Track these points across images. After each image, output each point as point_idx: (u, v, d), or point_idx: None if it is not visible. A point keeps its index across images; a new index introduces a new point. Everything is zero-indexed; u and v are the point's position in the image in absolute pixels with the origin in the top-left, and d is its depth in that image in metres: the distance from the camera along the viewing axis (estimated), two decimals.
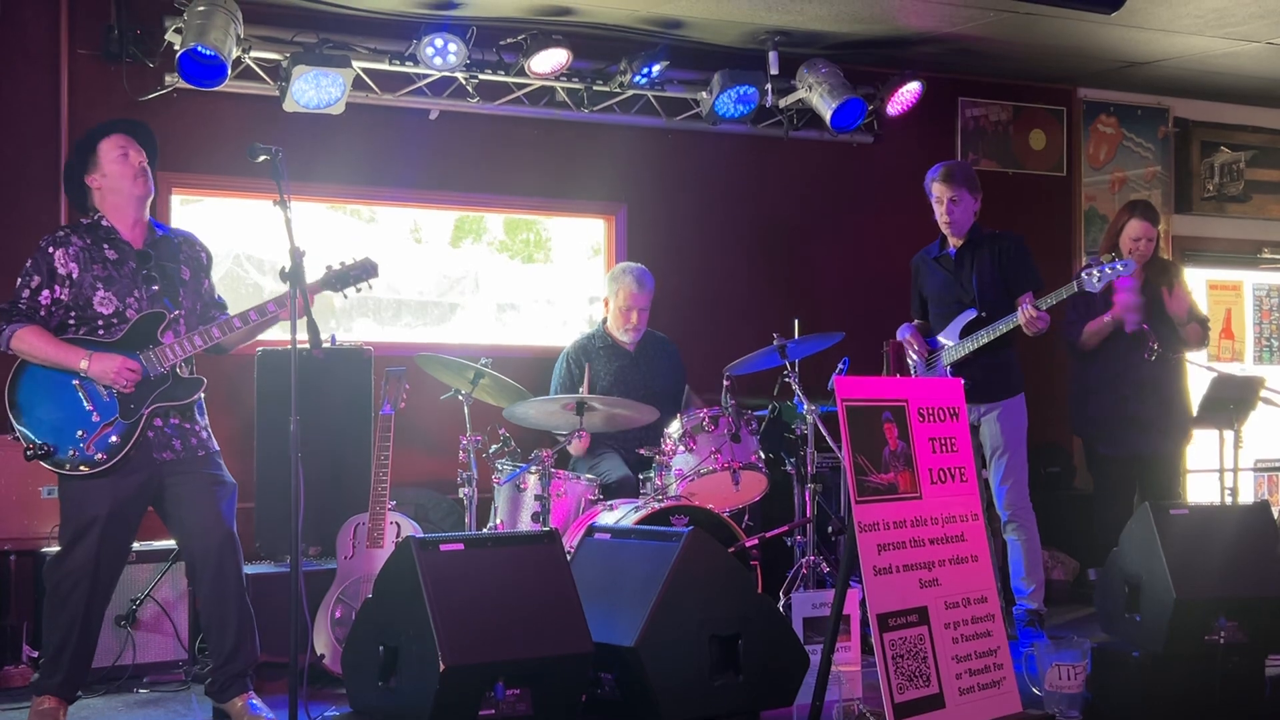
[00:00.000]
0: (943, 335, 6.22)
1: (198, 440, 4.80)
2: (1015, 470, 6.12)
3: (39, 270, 4.66)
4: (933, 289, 6.34)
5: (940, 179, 6.15)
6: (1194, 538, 4.82)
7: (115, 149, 4.75)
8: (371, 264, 4.90)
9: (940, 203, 6.16)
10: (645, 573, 4.08)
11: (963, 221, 6.17)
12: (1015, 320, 5.87)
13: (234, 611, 4.76)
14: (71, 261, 4.66)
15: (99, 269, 4.68)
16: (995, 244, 6.17)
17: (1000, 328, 5.94)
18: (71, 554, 4.64)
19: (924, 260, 6.42)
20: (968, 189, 6.15)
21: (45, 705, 4.67)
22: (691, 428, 5.74)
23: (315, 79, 6.20)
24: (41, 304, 4.64)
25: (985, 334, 5.99)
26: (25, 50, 6.19)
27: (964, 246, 6.21)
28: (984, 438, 6.14)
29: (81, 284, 4.66)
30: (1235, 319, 9.21)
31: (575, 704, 3.91)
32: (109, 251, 4.72)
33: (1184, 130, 8.91)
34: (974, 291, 6.13)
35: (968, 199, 6.15)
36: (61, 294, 4.66)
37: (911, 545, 4.01)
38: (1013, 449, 6.12)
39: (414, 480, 6.51)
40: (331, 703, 4.89)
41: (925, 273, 6.40)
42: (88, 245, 4.70)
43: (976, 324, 6.06)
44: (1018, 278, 6.08)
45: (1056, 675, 4.80)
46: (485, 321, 7.16)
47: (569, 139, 7.26)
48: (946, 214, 6.15)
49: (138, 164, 4.77)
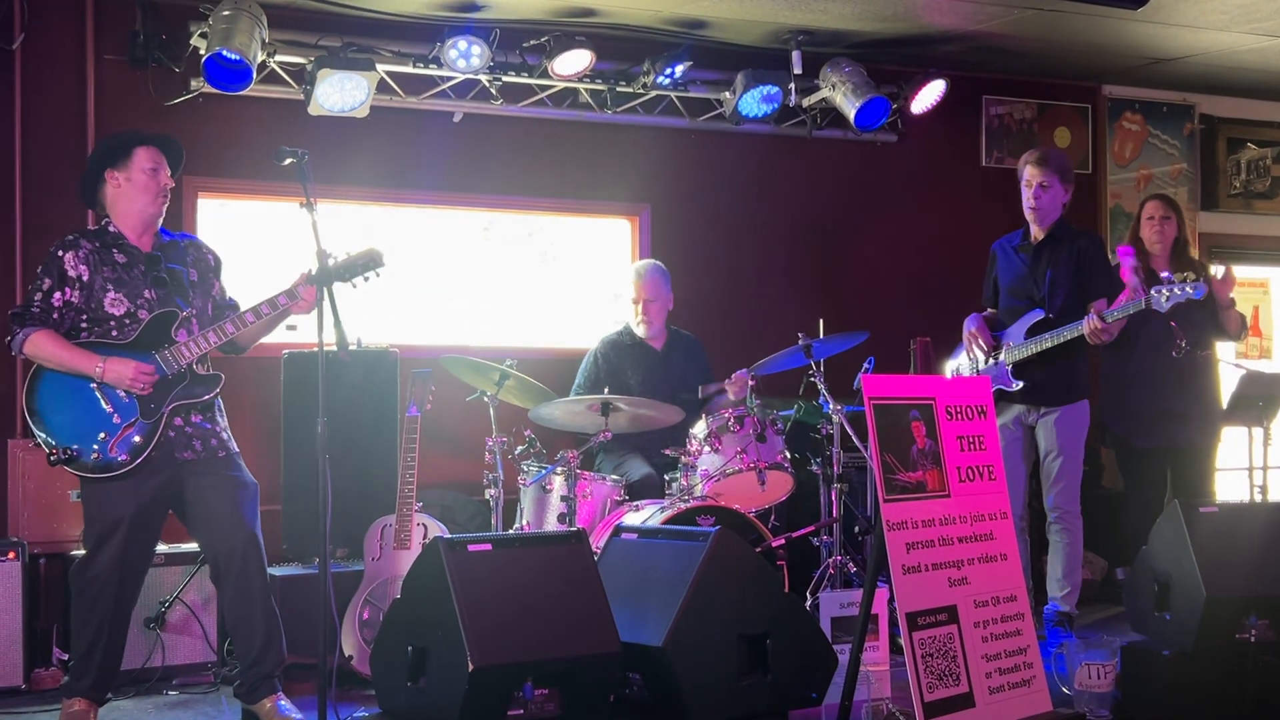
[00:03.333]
0: (1008, 334, 6.14)
1: (218, 441, 4.82)
2: (1068, 474, 6.06)
3: (49, 274, 4.68)
4: (1007, 279, 6.27)
5: (1034, 162, 6.09)
6: (1224, 536, 4.80)
7: (149, 161, 4.77)
8: (377, 253, 4.88)
9: (1029, 186, 6.10)
10: (673, 572, 4.08)
11: (1049, 211, 6.10)
12: (1080, 329, 5.81)
13: (260, 613, 4.77)
14: (81, 264, 4.68)
15: (108, 271, 4.70)
16: (1075, 242, 6.10)
17: (1065, 333, 5.88)
18: (97, 557, 4.66)
19: (1003, 248, 6.34)
20: (1060, 177, 6.08)
21: (76, 708, 4.69)
22: (717, 428, 5.73)
23: (340, 82, 6.23)
24: (54, 306, 4.65)
25: (1049, 338, 5.93)
26: (52, 57, 6.23)
27: (1045, 240, 6.14)
28: (1039, 439, 6.09)
29: (92, 286, 4.67)
30: (1263, 316, 9.15)
31: (603, 704, 3.92)
32: (118, 255, 4.74)
33: (1210, 127, 8.86)
34: (1045, 290, 6.06)
35: (1058, 188, 6.08)
36: (72, 296, 4.66)
37: (940, 544, 4.00)
38: (1068, 453, 6.06)
39: (440, 481, 6.53)
40: (360, 703, 4.92)
41: (1003, 260, 6.32)
42: (96, 249, 4.72)
43: (1042, 325, 6.00)
44: (1092, 281, 6.03)
45: (1086, 674, 4.79)
46: (510, 322, 7.16)
47: (592, 140, 7.27)
48: (1034, 198, 6.08)
49: (162, 184, 4.78)
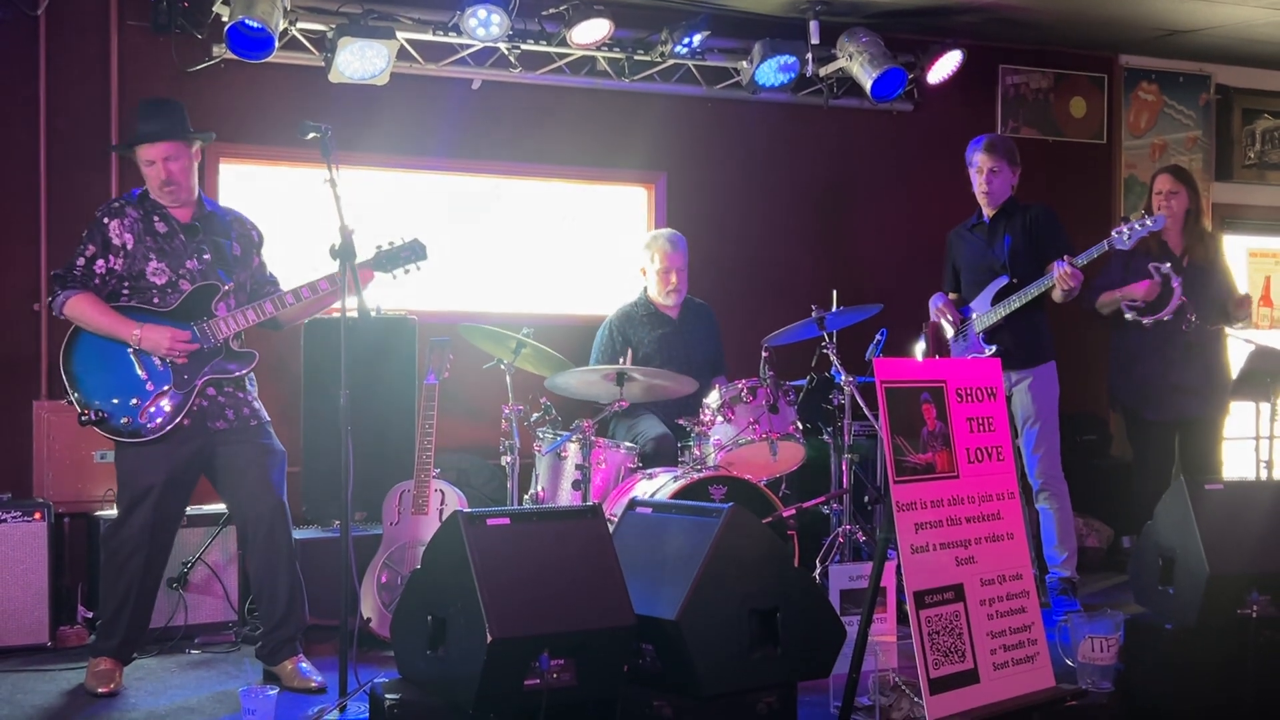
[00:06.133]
0: (975, 304, 6.31)
1: (249, 410, 4.91)
2: (1047, 438, 6.20)
3: (94, 240, 4.76)
4: (966, 259, 6.45)
5: (983, 149, 6.28)
6: (1228, 512, 4.84)
7: (144, 161, 4.83)
8: (420, 245, 4.98)
9: (980, 172, 6.28)
10: (686, 547, 4.14)
11: (999, 192, 6.29)
12: (1046, 284, 5.96)
13: (284, 579, 4.88)
14: (126, 232, 4.75)
15: (150, 240, 4.78)
16: (1026, 214, 6.29)
17: (1031, 291, 6.04)
18: (128, 521, 4.77)
19: (958, 234, 6.54)
20: (1008, 161, 6.28)
21: (101, 666, 4.82)
22: (730, 398, 5.79)
23: (360, 50, 6.27)
24: (96, 273, 4.73)
25: (1017, 299, 6.09)
26: (76, 23, 6.27)
27: (996, 216, 6.32)
28: (1016, 407, 6.22)
29: (135, 255, 4.75)
30: (1275, 286, 9.17)
31: (618, 674, 3.98)
32: (158, 224, 4.81)
33: (1225, 97, 8.85)
34: (1004, 257, 6.22)
35: (1006, 171, 6.28)
36: (115, 264, 4.75)
37: (948, 524, 4.07)
38: (1044, 417, 6.20)
39: (457, 446, 6.61)
40: (377, 665, 5.02)
41: (959, 244, 6.51)
42: (140, 217, 4.80)
43: (1008, 290, 6.16)
44: (1049, 245, 6.15)
45: (1090, 647, 4.86)
46: (527, 289, 7.21)
47: (610, 108, 7.30)
48: (985, 184, 6.27)
49: (164, 175, 4.81)
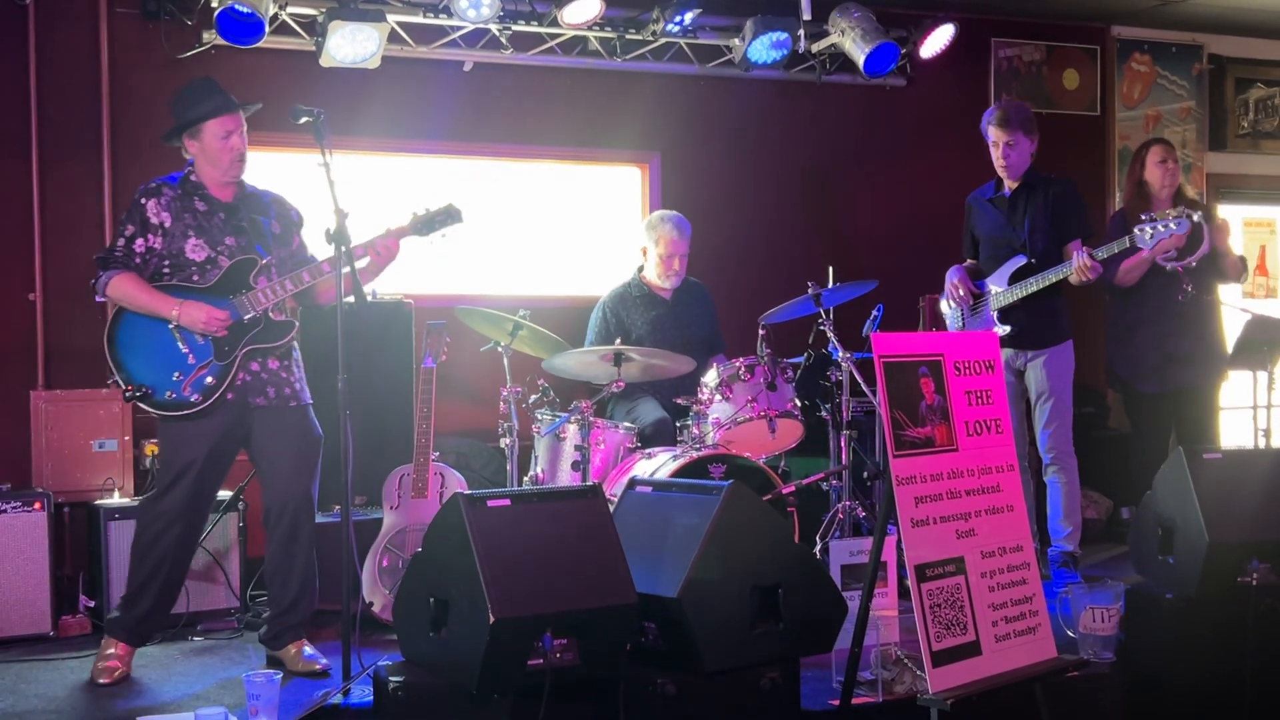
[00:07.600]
0: (991, 280, 6.22)
1: (291, 390, 4.90)
2: (1060, 414, 6.18)
3: (133, 220, 4.79)
4: (985, 230, 6.35)
5: (996, 123, 6.15)
6: (1227, 482, 4.87)
7: (222, 130, 4.80)
8: (456, 210, 4.95)
9: (996, 146, 6.17)
10: (687, 525, 4.14)
11: (1019, 164, 6.18)
12: (1065, 271, 5.90)
13: (300, 567, 4.89)
14: (164, 211, 4.78)
15: (189, 218, 4.80)
16: (1050, 188, 6.18)
17: (1050, 276, 5.97)
18: (168, 495, 4.77)
19: (978, 200, 6.42)
20: (1023, 132, 6.15)
21: (110, 651, 4.82)
22: (728, 377, 5.79)
23: (351, 34, 6.26)
24: (136, 252, 4.76)
25: (1035, 282, 6.01)
26: (65, 10, 6.25)
27: (1019, 189, 6.22)
28: (1029, 382, 6.20)
29: (173, 233, 4.77)
30: (1270, 255, 9.18)
31: (620, 652, 3.99)
32: (198, 204, 4.83)
33: (1218, 67, 8.85)
34: (1025, 235, 6.14)
35: (1024, 142, 6.15)
36: (155, 243, 4.78)
37: (948, 497, 4.07)
38: (1058, 394, 6.17)
39: (456, 429, 6.61)
40: (379, 648, 5.00)
41: (978, 213, 6.40)
42: (178, 196, 4.82)
43: (1026, 270, 6.08)
44: (1068, 223, 6.11)
45: (1090, 618, 4.88)
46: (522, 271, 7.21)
47: (602, 88, 7.28)
48: (1003, 158, 6.16)
49: (239, 149, 4.82)
